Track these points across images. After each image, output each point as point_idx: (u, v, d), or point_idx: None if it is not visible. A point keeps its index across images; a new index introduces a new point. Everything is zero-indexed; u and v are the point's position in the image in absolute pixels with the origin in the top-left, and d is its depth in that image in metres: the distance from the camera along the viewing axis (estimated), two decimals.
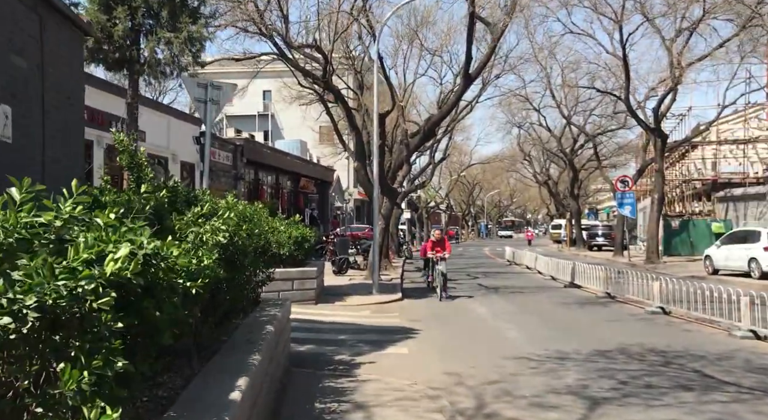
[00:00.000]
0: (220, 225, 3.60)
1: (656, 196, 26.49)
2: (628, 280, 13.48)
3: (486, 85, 27.69)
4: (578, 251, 37.76)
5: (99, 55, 11.69)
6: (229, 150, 23.81)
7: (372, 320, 11.08)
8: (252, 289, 6.42)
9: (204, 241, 3.49)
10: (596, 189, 69.55)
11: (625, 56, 25.53)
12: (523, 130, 43.74)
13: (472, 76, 18.60)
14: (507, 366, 7.25)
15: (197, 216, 3.76)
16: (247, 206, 5.56)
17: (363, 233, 31.89)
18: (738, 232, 19.94)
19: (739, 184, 31.22)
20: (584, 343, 8.56)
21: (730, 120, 32.97)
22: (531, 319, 11.16)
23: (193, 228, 3.53)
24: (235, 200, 5.79)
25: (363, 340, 8.95)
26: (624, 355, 7.79)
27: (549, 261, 20.00)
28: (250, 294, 6.56)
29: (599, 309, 12.44)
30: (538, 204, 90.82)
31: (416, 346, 8.58)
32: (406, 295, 14.87)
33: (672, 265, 24.83)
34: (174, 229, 3.74)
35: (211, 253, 3.55)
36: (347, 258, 19.66)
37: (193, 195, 5.05)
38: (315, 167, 37.63)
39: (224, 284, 4.20)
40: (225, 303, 4.26)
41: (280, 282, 12.34)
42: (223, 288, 4.17)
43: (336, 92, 19.61)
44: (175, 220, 3.73)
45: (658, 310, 11.43)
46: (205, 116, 7.27)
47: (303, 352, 8.11)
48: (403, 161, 20.99)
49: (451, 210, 69.52)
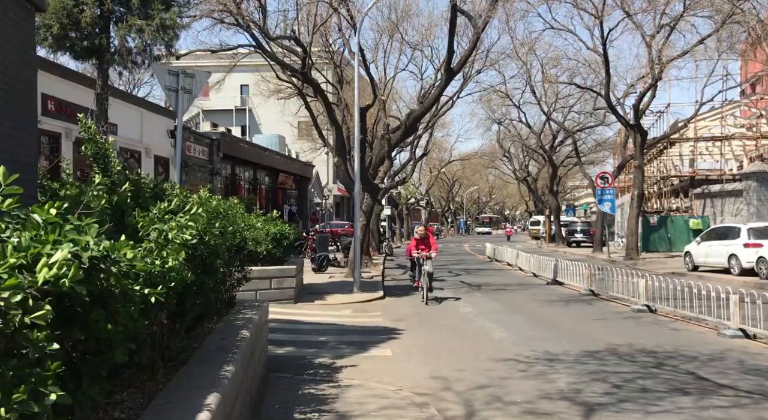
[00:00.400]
0: (188, 222, 3.20)
1: (636, 192, 26.53)
2: (611, 278, 13.33)
3: (467, 81, 27.48)
4: (557, 247, 37.85)
5: (66, 42, 11.11)
6: (204, 144, 23.20)
7: (354, 320, 10.73)
8: (227, 290, 6.02)
9: (169, 240, 3.09)
10: (574, 186, 70.13)
11: (605, 52, 25.47)
12: (503, 127, 43.70)
13: (454, 69, 18.29)
14: (496, 369, 6.96)
15: (163, 212, 3.36)
16: (221, 201, 5.15)
17: (343, 230, 31.51)
18: (718, 229, 19.99)
19: (716, 181, 31.50)
20: (573, 344, 8.31)
21: (707, 117, 33.27)
22: (516, 318, 10.90)
23: (156, 225, 3.12)
24: (209, 195, 5.39)
25: (345, 342, 8.59)
26: (614, 356, 7.55)
27: (531, 258, 19.84)
28: (225, 296, 6.17)
29: (584, 307, 12.25)
30: (517, 201, 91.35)
31: (400, 348, 8.24)
32: (388, 293, 14.54)
33: (651, 261, 24.91)
34: (137, 227, 3.33)
35: (178, 253, 3.15)
36: (327, 255, 19.25)
37: (161, 189, 4.62)
38: (294, 163, 37.07)
39: (194, 288, 3.80)
40: (195, 308, 3.86)
41: (258, 281, 11.93)
42: (193, 292, 3.77)
43: (315, 85, 19.17)
44: (138, 217, 3.32)
45: (643, 308, 11.27)
46: (177, 106, 6.83)
47: (282, 355, 7.73)
48: (384, 156, 20.63)
49: (431, 207, 69.42)
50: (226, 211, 4.97)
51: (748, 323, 8.52)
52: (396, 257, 28.74)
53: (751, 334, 8.50)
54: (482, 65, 26.34)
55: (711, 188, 30.30)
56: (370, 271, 19.24)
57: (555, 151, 40.82)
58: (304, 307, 11.96)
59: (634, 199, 26.58)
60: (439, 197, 69.26)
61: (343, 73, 23.90)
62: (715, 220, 29.25)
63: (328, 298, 13.23)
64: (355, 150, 16.17)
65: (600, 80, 30.24)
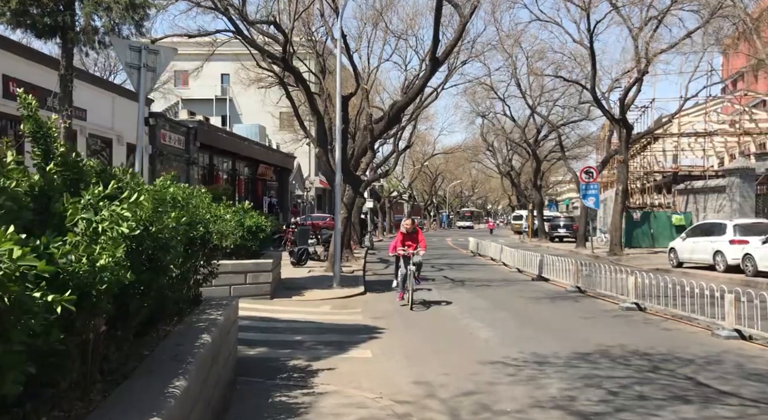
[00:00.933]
0: (124, 211, 2.65)
1: (620, 187, 26.34)
2: (598, 274, 12.99)
3: (452, 72, 27.00)
4: (540, 242, 37.65)
5: (26, 19, 10.34)
6: (181, 133, 22.41)
7: (332, 317, 10.21)
8: (189, 287, 5.47)
9: (99, 232, 2.54)
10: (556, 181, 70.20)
11: (591, 45, 25.17)
12: (487, 120, 43.35)
13: (439, 59, 17.79)
14: (482, 373, 6.49)
15: (97, 198, 2.80)
16: (180, 189, 4.58)
17: (324, 222, 30.95)
18: (703, 225, 19.81)
19: (699, 177, 31.49)
20: (562, 345, 7.89)
21: (691, 113, 33.21)
22: (502, 315, 10.47)
23: (84, 215, 2.57)
24: (172, 182, 4.83)
25: (322, 342, 8.08)
26: (606, 358, 7.14)
27: (515, 253, 19.47)
28: (190, 293, 5.61)
29: (571, 304, 11.87)
30: (499, 195, 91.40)
31: (381, 349, 7.75)
32: (369, 288, 14.05)
33: (634, 257, 24.75)
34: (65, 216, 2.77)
35: (114, 249, 2.61)
36: (307, 249, 18.70)
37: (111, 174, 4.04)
38: (274, 154, 36.29)
39: (141, 287, 3.25)
40: (143, 311, 3.31)
41: (232, 275, 11.38)
42: (139, 292, 3.22)
43: (296, 73, 18.54)
44: (66, 204, 2.76)
45: (632, 306, 10.91)
46: (139, 85, 6.21)
47: (253, 356, 7.19)
48: (366, 148, 20.09)
49: (414, 200, 69.06)
50: (186, 200, 4.41)
51: (745, 323, 8.17)
52: (378, 251, 28.23)
53: (746, 335, 8.16)
54: (468, 56, 25.87)
55: (694, 184, 30.27)
56: (351, 266, 18.74)
57: (539, 146, 40.59)
58: (280, 303, 11.41)
59: (618, 195, 26.38)
60: (422, 191, 68.91)
61: (325, 62, 23.27)
62: (698, 216, 29.22)
63: (307, 294, 12.70)
64: (337, 140, 15.60)
65: (585, 74, 30.00)
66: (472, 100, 40.10)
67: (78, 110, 15.80)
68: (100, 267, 2.47)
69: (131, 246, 3.02)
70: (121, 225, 2.60)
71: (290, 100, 21.90)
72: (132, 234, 2.84)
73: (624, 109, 25.89)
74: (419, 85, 19.13)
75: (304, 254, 18.21)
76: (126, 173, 4.11)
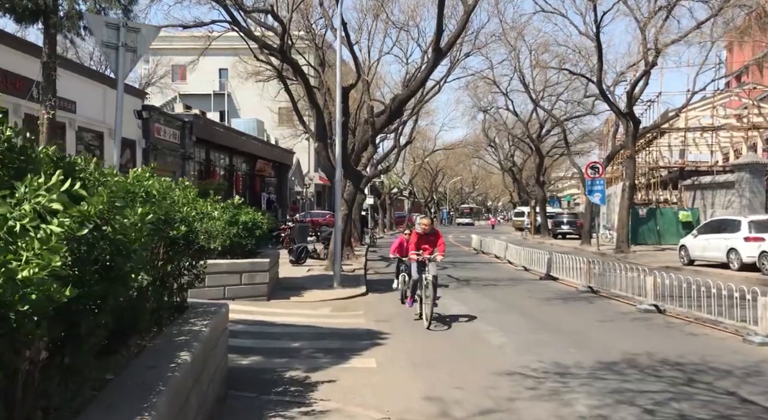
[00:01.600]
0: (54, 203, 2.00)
1: (627, 183, 25.67)
2: (611, 273, 12.36)
3: (455, 65, 26.38)
4: (543, 239, 37.01)
5: (5, 2, 9.70)
6: (176, 127, 21.73)
7: (333, 321, 9.57)
8: (171, 293, 4.84)
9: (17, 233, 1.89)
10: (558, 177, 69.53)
11: (598, 37, 24.49)
12: (489, 115, 42.67)
13: (443, 50, 17.12)
14: (500, 386, 5.86)
15: (35, 190, 2.15)
16: (159, 181, 3.94)
17: (324, 219, 30.29)
18: (715, 221, 19.14)
19: (706, 173, 30.81)
20: (583, 352, 7.26)
21: (697, 107, 32.51)
22: (514, 318, 9.83)
23: None
24: (152, 175, 4.18)
25: (322, 349, 7.44)
26: (634, 368, 6.50)
27: (521, 250, 18.84)
28: (174, 298, 4.98)
29: (585, 306, 11.23)
30: (500, 191, 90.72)
31: (386, 357, 7.11)
32: (370, 288, 13.41)
33: (642, 254, 24.11)
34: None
35: (50, 255, 1.96)
36: (306, 246, 18.05)
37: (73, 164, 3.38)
38: (273, 149, 35.58)
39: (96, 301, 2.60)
40: (98, 332, 2.67)
41: (227, 275, 10.78)
42: (93, 308, 2.57)
43: (294, 65, 17.85)
44: None
45: (651, 307, 10.28)
46: (117, 67, 5.54)
47: (246, 367, 6.54)
48: (367, 142, 19.42)
49: (414, 196, 68.42)
50: (163, 193, 3.76)
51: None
52: (379, 248, 27.62)
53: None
54: (471, 48, 25.18)
55: (701, 180, 29.58)
56: (352, 264, 18.10)
57: (542, 141, 39.92)
58: (277, 305, 10.77)
59: (625, 190, 25.70)
60: (422, 187, 68.21)
61: (324, 55, 22.63)
62: (705, 212, 28.58)
63: (306, 295, 12.06)
64: (337, 133, 14.93)
65: (590, 67, 29.30)
66: (474, 94, 39.45)
67: (67, 102, 15.16)
68: (21, 280, 1.82)
69: (79, 250, 2.37)
70: (50, 222, 1.95)
71: (289, 94, 21.23)
72: (78, 235, 2.20)
73: (631, 103, 25.20)
74: (422, 77, 18.46)
75: (303, 252, 17.57)
76: (90, 163, 3.46)
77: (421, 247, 9.51)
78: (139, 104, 19.05)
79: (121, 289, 2.57)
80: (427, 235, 9.65)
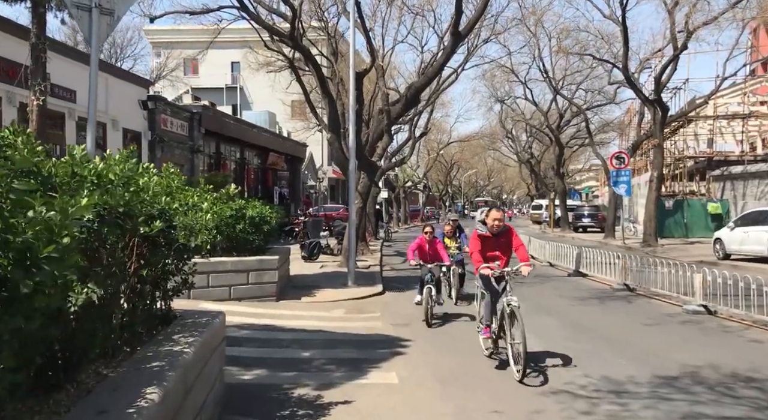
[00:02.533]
0: None
1: (655, 173, 24.45)
2: (648, 269, 11.35)
3: (472, 52, 25.31)
4: (563, 233, 35.84)
5: None
6: (184, 118, 20.93)
7: (347, 324, 8.68)
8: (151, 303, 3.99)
9: None
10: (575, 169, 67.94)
11: (624, 19, 23.26)
12: (506, 105, 41.45)
13: (462, 33, 16.12)
14: (546, 408, 4.94)
15: None
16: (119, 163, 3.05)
17: (337, 213, 29.42)
18: (755, 213, 17.94)
19: (736, 162, 29.47)
20: (635, 364, 6.31)
21: (725, 94, 31.11)
22: (548, 321, 8.88)
23: None
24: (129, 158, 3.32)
25: (335, 360, 6.56)
26: (702, 385, 5.54)
27: (546, 245, 17.84)
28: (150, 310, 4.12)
29: (624, 307, 10.24)
30: (515, 184, 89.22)
31: (408, 370, 6.21)
32: (387, 286, 12.52)
33: (670, 248, 22.95)
34: None
35: None
36: (319, 242, 17.21)
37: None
38: (285, 142, 34.75)
39: None
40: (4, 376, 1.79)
41: (233, 274, 9.96)
42: None
43: (306, 52, 16.94)
44: None
45: (700, 308, 9.27)
46: (91, 31, 4.69)
47: (248, 383, 5.67)
48: (383, 131, 18.46)
49: (429, 190, 67.39)
50: (123, 178, 2.88)
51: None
52: (394, 243, 26.75)
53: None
54: (489, 33, 24.08)
55: (731, 170, 28.26)
56: (367, 260, 17.22)
57: (561, 132, 38.68)
58: (287, 306, 9.92)
59: (653, 181, 24.50)
60: (437, 181, 67.12)
61: (337, 45, 21.76)
62: (736, 203, 27.32)
63: (318, 294, 11.19)
64: (351, 121, 14.02)
65: (613, 53, 28.08)
66: (490, 84, 38.31)
67: (66, 91, 14.42)
68: None
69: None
70: None
71: (300, 84, 20.33)
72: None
73: (659, 89, 23.96)
74: (440, 63, 17.47)
75: (316, 248, 16.72)
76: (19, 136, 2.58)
77: (488, 255, 6.38)
78: (144, 94, 18.27)
79: (16, 320, 1.68)
80: (496, 236, 6.38)
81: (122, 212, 2.78)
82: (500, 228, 6.37)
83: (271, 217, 10.66)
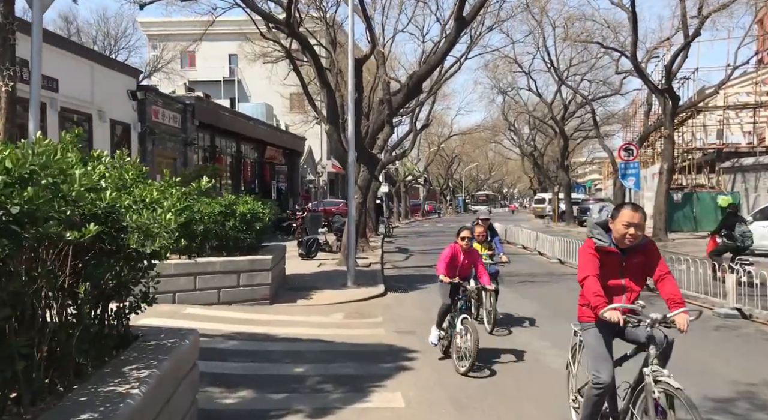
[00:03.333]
0: None
1: (665, 165, 23.62)
2: (672, 268, 10.52)
3: (475, 41, 24.45)
4: (568, 227, 35.01)
5: None
6: (176, 110, 20.05)
7: (346, 332, 7.86)
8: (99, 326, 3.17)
9: None
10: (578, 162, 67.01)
11: (633, 6, 22.35)
12: (509, 97, 40.57)
13: (466, 18, 15.25)
14: None
15: None
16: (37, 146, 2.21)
17: (337, 208, 28.61)
18: None
19: (747, 154, 28.59)
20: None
21: (736, 83, 30.21)
22: (569, 328, 8.04)
23: None
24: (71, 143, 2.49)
25: (332, 377, 5.74)
26: (764, 412, 4.74)
27: (555, 241, 17.03)
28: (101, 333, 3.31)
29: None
30: (516, 177, 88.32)
31: (416, 389, 5.40)
32: (389, 286, 11.72)
33: (681, 242, 22.14)
34: None
35: None
36: (317, 239, 16.39)
37: None
38: (283, 135, 33.86)
39: None
40: None
41: (222, 276, 9.14)
42: None
43: (303, 40, 16.07)
44: None
45: (733, 312, 8.47)
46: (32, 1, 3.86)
47: (230, 409, 4.85)
48: (383, 122, 17.63)
49: (429, 184, 66.55)
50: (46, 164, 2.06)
51: None
52: (395, 239, 25.94)
53: None
54: (494, 20, 23.20)
55: (743, 161, 27.37)
56: (368, 257, 16.41)
57: (565, 123, 37.81)
58: (281, 311, 9.11)
59: (662, 173, 23.66)
60: (438, 175, 66.23)
61: (335, 34, 20.94)
62: (748, 196, 26.45)
63: (315, 296, 10.38)
64: (349, 109, 13.18)
65: (620, 42, 27.22)
66: (493, 76, 37.42)
67: (48, 80, 13.55)
68: None
69: None
70: None
71: (298, 74, 19.47)
72: None
73: (670, 78, 23.08)
74: (442, 50, 16.59)
75: (313, 245, 15.90)
76: None
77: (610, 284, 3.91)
78: (133, 84, 17.40)
79: None
80: (627, 253, 3.87)
81: (16, 214, 1.96)
82: (636, 240, 3.75)
83: (264, 213, 9.84)
